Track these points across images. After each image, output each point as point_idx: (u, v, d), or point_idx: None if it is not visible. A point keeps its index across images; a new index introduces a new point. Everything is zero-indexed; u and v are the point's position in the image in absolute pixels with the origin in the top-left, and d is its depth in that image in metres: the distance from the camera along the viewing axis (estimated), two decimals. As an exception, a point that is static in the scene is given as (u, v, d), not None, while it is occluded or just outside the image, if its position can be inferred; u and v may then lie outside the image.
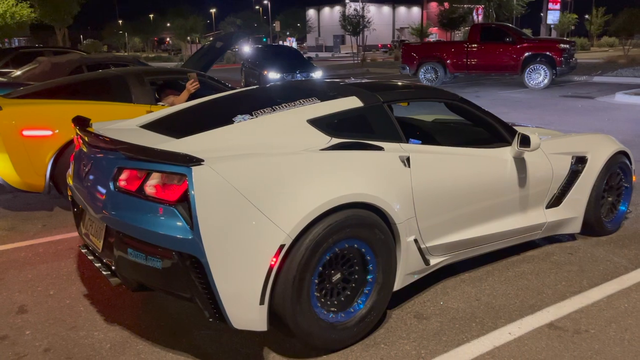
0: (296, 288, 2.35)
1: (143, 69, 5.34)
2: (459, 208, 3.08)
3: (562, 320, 2.86)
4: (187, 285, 2.27)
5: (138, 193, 2.36)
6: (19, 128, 4.35)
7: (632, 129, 8.63)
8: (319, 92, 3.07)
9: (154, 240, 2.28)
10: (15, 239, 4.07)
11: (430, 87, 3.48)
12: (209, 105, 3.29)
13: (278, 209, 2.30)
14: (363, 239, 2.57)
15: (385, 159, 2.75)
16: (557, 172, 3.68)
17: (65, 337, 2.70)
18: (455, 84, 17.16)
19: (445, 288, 3.24)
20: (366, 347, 2.60)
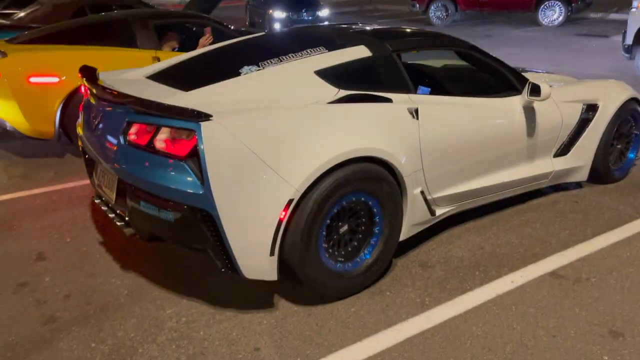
0: (305, 240, 2.41)
1: (148, 13, 5.24)
2: (466, 159, 3.10)
3: (564, 269, 2.93)
4: (200, 237, 2.34)
5: (148, 147, 2.38)
6: (26, 75, 4.33)
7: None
8: (327, 41, 3.02)
9: (165, 195, 2.33)
10: (29, 187, 4.15)
11: (439, 34, 3.41)
12: (216, 54, 3.25)
13: (286, 164, 2.33)
14: (370, 192, 2.61)
15: (393, 111, 2.74)
16: (566, 121, 3.65)
17: (84, 283, 2.81)
18: (466, 22, 16.65)
19: (451, 237, 3.30)
20: (372, 295, 2.70)
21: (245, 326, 2.45)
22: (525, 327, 2.45)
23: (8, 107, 4.39)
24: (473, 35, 13.78)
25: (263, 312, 2.55)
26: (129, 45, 4.84)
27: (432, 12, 16.41)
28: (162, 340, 2.36)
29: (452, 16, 16.25)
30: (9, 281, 2.83)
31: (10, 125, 4.49)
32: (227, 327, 2.45)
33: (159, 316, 2.53)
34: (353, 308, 2.58)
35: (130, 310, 2.57)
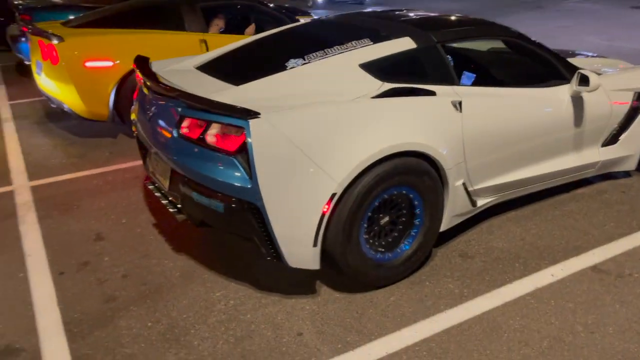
0: (346, 232, 2.51)
1: (195, -5, 5.33)
2: (509, 150, 3.10)
3: (607, 263, 2.93)
4: (247, 227, 2.47)
5: (200, 141, 2.50)
6: (82, 59, 4.54)
7: None
8: (372, 32, 3.04)
9: (215, 187, 2.45)
10: (86, 167, 4.39)
11: (486, 22, 3.36)
12: (262, 45, 3.32)
13: (330, 159, 2.41)
14: (411, 185, 2.67)
15: (437, 105, 2.77)
16: (616, 110, 3.57)
17: (139, 264, 3.01)
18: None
19: (491, 227, 3.33)
20: (411, 284, 2.78)
21: (289, 311, 2.59)
22: (563, 322, 2.49)
23: (66, 90, 4.62)
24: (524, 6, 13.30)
25: (305, 298, 2.68)
26: (177, 28, 4.97)
27: (481, -19, 15.85)
28: (212, 321, 2.53)
29: (501, -14, 15.67)
30: (72, 260, 3.05)
31: (67, 106, 4.73)
32: (272, 311, 2.59)
33: (209, 298, 2.70)
34: (392, 297, 2.68)
35: (183, 292, 2.75)
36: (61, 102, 4.75)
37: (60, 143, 4.96)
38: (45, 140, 5.06)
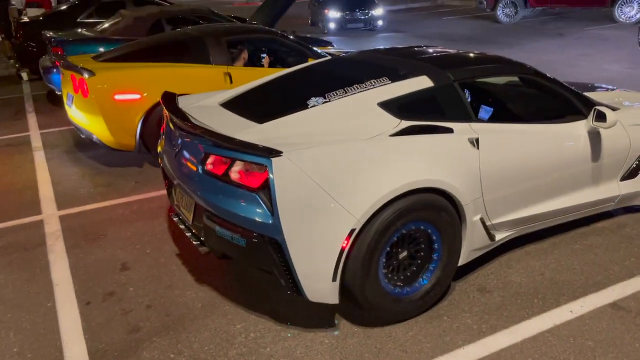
0: (365, 267, 2.56)
1: (220, 30, 5.52)
2: (526, 185, 3.13)
3: (627, 300, 2.92)
4: (268, 261, 2.54)
5: (224, 177, 2.60)
6: (112, 92, 4.72)
7: None
8: (390, 71, 3.13)
9: (238, 222, 2.54)
10: (113, 196, 4.54)
11: (502, 59, 3.43)
12: (284, 83, 3.44)
13: (349, 196, 2.48)
14: (429, 220, 2.72)
15: (454, 142, 2.83)
16: (635, 144, 3.58)
17: (163, 294, 3.09)
18: (536, 20, 16.12)
19: (510, 261, 3.34)
20: (430, 319, 2.81)
21: (308, 345, 2.63)
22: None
23: (95, 121, 4.80)
24: (544, 33, 13.35)
25: (324, 332, 2.72)
26: (202, 61, 5.14)
27: (500, 9, 16.00)
28: (232, 354, 2.58)
29: (521, 13, 15.78)
30: (98, 290, 3.15)
31: (96, 137, 4.90)
32: (292, 344, 2.64)
33: (230, 330, 2.76)
34: (411, 332, 2.71)
35: (204, 323, 2.81)
36: (90, 132, 4.93)
37: (89, 172, 5.13)
38: (74, 169, 5.24)
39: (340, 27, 15.04)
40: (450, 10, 20.25)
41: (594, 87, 4.47)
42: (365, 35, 14.75)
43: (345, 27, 15.04)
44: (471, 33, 14.37)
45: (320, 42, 8.00)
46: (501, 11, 15.99)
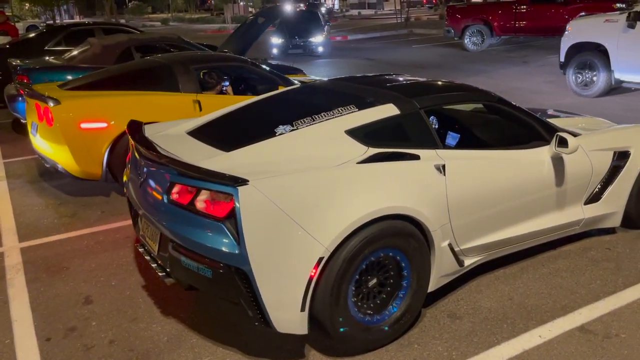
0: (334, 295, 2.53)
1: (189, 58, 5.52)
2: (493, 211, 3.16)
3: (593, 324, 2.94)
4: (235, 292, 2.49)
5: (189, 207, 2.56)
6: (77, 121, 4.64)
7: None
8: (357, 99, 3.16)
9: (204, 252, 2.49)
10: (78, 227, 4.42)
11: (467, 87, 3.50)
12: (252, 110, 3.44)
13: (317, 224, 2.46)
14: (398, 247, 2.71)
15: (420, 169, 2.85)
16: (597, 169, 3.67)
17: (127, 328, 2.99)
18: (503, 48, 16.62)
19: (479, 286, 3.36)
20: (400, 347, 2.78)
21: (277, 377, 2.57)
22: (551, 386, 2.48)
23: (59, 150, 4.70)
24: (510, 61, 13.75)
25: (294, 363, 2.67)
26: (171, 89, 5.12)
27: (468, 37, 16.45)
28: (199, 389, 2.50)
29: (487, 41, 16.25)
30: (59, 325, 3.03)
31: (61, 166, 4.80)
32: (260, 377, 2.57)
33: (197, 364, 2.68)
34: (381, 361, 2.67)
35: (170, 358, 2.73)
36: (55, 162, 4.82)
37: (53, 202, 5.00)
38: (37, 199, 5.10)
39: (282, 52, 16.37)
40: (420, 39, 20.74)
41: (556, 111, 4.60)
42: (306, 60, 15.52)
43: (287, 53, 16.35)
44: (440, 60, 14.71)
45: (292, 70, 8.06)
46: (468, 39, 16.44)
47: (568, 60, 9.12)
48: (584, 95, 8.99)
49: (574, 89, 9.18)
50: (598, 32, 8.61)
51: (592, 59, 8.74)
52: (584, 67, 8.96)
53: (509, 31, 15.86)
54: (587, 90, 8.96)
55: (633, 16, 8.03)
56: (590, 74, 8.87)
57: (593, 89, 8.86)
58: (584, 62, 8.92)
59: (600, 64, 8.63)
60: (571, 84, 9.23)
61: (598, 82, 8.75)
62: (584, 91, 9.00)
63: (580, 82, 9.06)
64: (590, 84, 8.92)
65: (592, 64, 8.80)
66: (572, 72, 9.13)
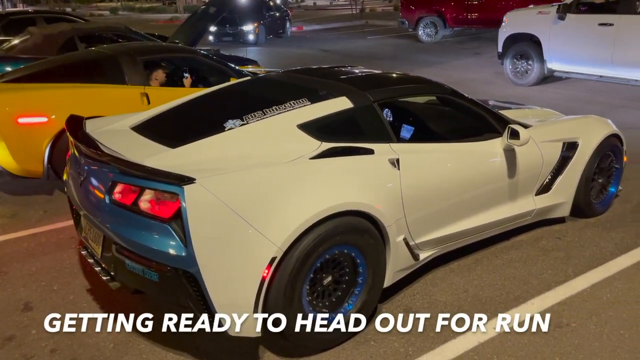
0: (288, 296, 2.46)
1: (135, 48, 5.29)
2: (448, 204, 3.16)
3: (545, 314, 2.98)
4: (183, 296, 2.38)
5: (133, 207, 2.42)
6: (14, 116, 4.36)
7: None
8: (309, 92, 3.08)
9: (149, 255, 2.37)
10: (18, 228, 4.17)
11: (421, 80, 3.48)
12: (200, 104, 3.30)
13: (269, 223, 2.37)
14: (353, 244, 2.66)
15: (374, 163, 2.80)
16: (547, 160, 3.72)
17: (70, 336, 2.83)
18: (456, 39, 16.85)
19: (435, 279, 3.35)
20: (357, 345, 2.74)
21: (230, 382, 2.48)
22: (505, 379, 2.49)
23: (-4, 147, 4.41)
24: (462, 52, 13.95)
25: (248, 366, 2.58)
26: (117, 81, 4.88)
27: (421, 29, 16.58)
28: (147, 399, 2.38)
29: (440, 33, 16.43)
30: (-5, 335, 2.84)
31: (-1, 164, 4.51)
32: (212, 383, 2.48)
33: (145, 372, 2.55)
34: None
35: (116, 366, 2.59)
36: (-9, 159, 4.53)
37: (-10, 202, 4.71)
38: (-27, 199, 4.79)
39: (217, 39, 16.77)
40: (374, 30, 20.78)
41: (508, 103, 4.65)
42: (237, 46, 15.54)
43: (221, 40, 16.75)
44: (394, 51, 14.78)
45: (245, 61, 7.89)
46: (422, 31, 16.57)
47: (505, 51, 9.50)
48: (520, 84, 9.38)
49: (511, 78, 9.55)
50: (532, 23, 9.01)
51: (527, 50, 9.12)
52: (520, 57, 9.32)
53: (462, 23, 16.07)
54: (523, 80, 9.35)
55: (562, 8, 8.40)
56: (526, 63, 9.25)
57: (528, 78, 9.23)
58: (519, 52, 9.30)
59: (534, 54, 8.99)
60: (508, 73, 9.59)
61: (533, 72, 9.12)
62: (520, 80, 9.39)
63: (517, 72, 9.43)
64: (525, 73, 9.30)
65: (527, 54, 9.17)
66: (509, 62, 9.49)
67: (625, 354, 2.65)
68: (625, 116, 7.17)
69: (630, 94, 8.39)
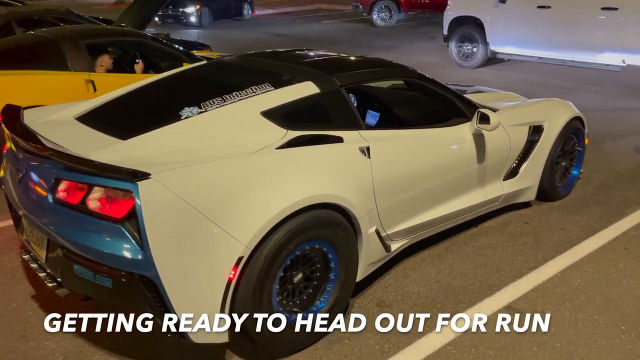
0: (257, 297, 2.28)
1: (78, 31, 4.91)
2: (419, 191, 3.04)
3: (520, 301, 2.93)
4: (141, 302, 2.17)
5: (81, 207, 2.18)
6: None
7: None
8: (272, 77, 2.88)
9: (101, 259, 2.14)
10: (-49, 229, 3.79)
11: (388, 63, 3.33)
12: (154, 91, 3.04)
13: (234, 220, 2.18)
14: (324, 238, 2.50)
15: (344, 152, 2.65)
16: (514, 144, 3.67)
17: (15, 348, 2.56)
18: (410, 24, 16.85)
19: (406, 269, 3.24)
20: (330, 344, 2.59)
21: (196, 392, 2.29)
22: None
23: None
24: (417, 37, 13.94)
25: (215, 374, 2.40)
26: (59, 67, 4.51)
27: (376, 13, 16.48)
28: (104, 417, 2.17)
29: (395, 17, 16.38)
30: None
31: None
32: (176, 395, 2.28)
33: (100, 386, 2.33)
34: (310, 362, 2.47)
35: (68, 381, 2.35)
36: None
37: None
38: None
39: (162, 21, 16.54)
40: (329, 14, 20.54)
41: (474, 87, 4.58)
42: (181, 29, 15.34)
43: (165, 22, 16.48)
44: (350, 36, 14.62)
45: (198, 46, 7.54)
46: (377, 15, 16.47)
47: (450, 34, 9.59)
48: (465, 66, 9.52)
49: (457, 60, 9.65)
50: (475, 6, 9.15)
51: (471, 32, 9.25)
52: (464, 39, 9.45)
53: (416, 7, 16.10)
54: (468, 62, 9.50)
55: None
56: (471, 46, 9.38)
57: (473, 60, 9.38)
58: (464, 35, 9.41)
59: (478, 37, 9.15)
60: (454, 56, 9.69)
61: (477, 54, 9.29)
62: (465, 62, 9.54)
63: (462, 54, 9.55)
64: (470, 55, 9.44)
65: (471, 37, 9.30)
66: (454, 45, 9.59)
67: (602, 340, 2.61)
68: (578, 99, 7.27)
69: (582, 76, 8.55)
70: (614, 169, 4.84)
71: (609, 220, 3.87)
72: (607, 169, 4.83)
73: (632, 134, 5.81)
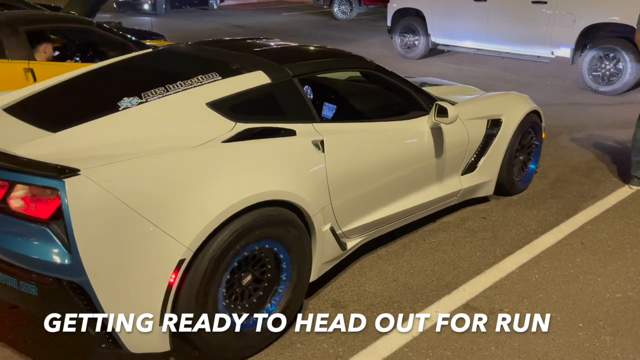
0: (201, 302, 2.12)
1: (16, 17, 4.59)
2: (375, 186, 2.93)
3: (478, 300, 2.86)
4: (70, 311, 1.97)
5: (2, 206, 1.96)
6: None
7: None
8: (220, 66, 2.70)
9: (24, 264, 1.93)
10: None
11: (344, 54, 3.21)
12: (89, 80, 2.82)
13: (174, 220, 2.01)
14: (275, 237, 2.35)
15: (297, 146, 2.50)
16: (473, 138, 3.60)
17: None
18: (371, 17, 16.80)
19: (363, 268, 3.13)
20: (282, 349, 2.46)
21: (135, 406, 2.11)
22: (443, 375, 2.32)
23: None
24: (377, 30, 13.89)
25: (156, 385, 2.22)
26: (-5, 55, 4.20)
27: (337, 6, 16.35)
28: None
29: (355, 10, 16.30)
30: None
31: None
32: (113, 410, 2.10)
33: (29, 402, 2.13)
34: (260, 369, 2.33)
35: (-8, 398, 2.14)
36: None
37: None
38: None
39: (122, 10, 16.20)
40: (289, 6, 20.29)
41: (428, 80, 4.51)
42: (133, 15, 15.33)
43: (119, 9, 16.17)
44: (310, 28, 14.46)
45: (151, 36, 7.23)
46: (337, 8, 16.34)
47: (394, 25, 9.77)
48: (408, 57, 9.71)
49: (400, 51, 9.84)
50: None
51: (414, 24, 9.46)
52: (407, 31, 9.63)
53: (377, 0, 16.04)
54: (410, 53, 9.70)
55: None
56: (413, 37, 9.59)
57: (415, 52, 9.60)
58: (407, 26, 9.60)
59: (420, 29, 9.36)
60: (397, 47, 9.87)
61: (419, 46, 9.51)
62: (408, 53, 9.74)
63: (404, 46, 9.74)
64: (412, 47, 9.65)
65: (414, 29, 9.51)
66: (398, 36, 9.77)
67: (560, 339, 2.57)
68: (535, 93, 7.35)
69: (538, 71, 8.66)
70: (570, 163, 4.86)
71: (565, 214, 3.86)
72: (563, 163, 4.86)
73: (587, 128, 5.88)
